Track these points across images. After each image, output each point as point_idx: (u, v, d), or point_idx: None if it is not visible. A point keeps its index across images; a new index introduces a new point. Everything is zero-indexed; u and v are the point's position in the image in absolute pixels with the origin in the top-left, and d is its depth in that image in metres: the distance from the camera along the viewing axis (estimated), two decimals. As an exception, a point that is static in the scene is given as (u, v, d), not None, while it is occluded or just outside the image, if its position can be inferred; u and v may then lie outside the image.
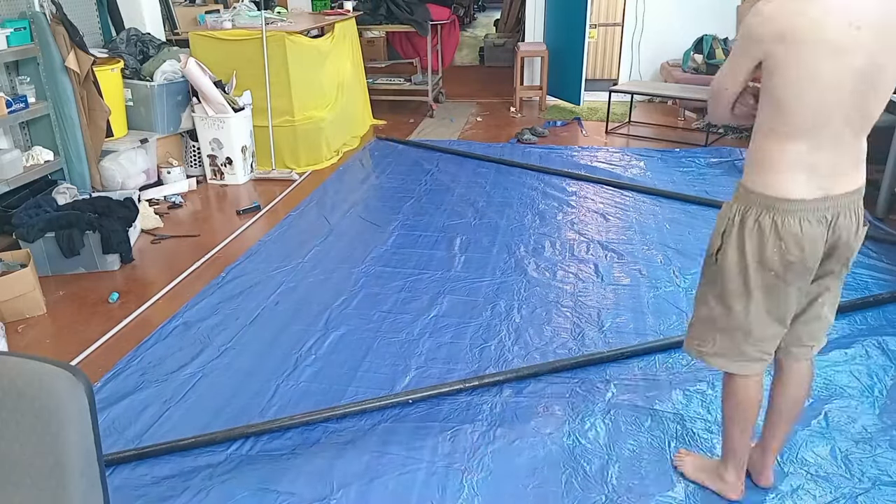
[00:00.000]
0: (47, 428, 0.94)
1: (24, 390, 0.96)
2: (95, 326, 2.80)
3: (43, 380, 0.95)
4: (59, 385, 0.95)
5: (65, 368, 0.95)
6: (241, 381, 2.39)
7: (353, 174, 4.71)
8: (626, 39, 6.55)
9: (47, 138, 3.85)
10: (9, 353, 1.06)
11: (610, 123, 5.72)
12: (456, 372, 2.42)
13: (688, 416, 2.17)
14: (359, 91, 5.76)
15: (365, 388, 2.33)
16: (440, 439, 2.09)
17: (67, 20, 3.71)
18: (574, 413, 2.19)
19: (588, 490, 1.88)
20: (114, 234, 3.26)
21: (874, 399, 2.23)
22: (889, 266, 3.13)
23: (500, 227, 3.69)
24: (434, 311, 2.82)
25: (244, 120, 4.50)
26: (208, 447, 2.06)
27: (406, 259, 3.32)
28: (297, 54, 4.61)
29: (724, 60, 5.97)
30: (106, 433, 2.14)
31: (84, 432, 0.95)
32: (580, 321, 2.74)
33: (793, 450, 2.02)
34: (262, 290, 3.05)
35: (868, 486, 1.88)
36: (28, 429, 0.95)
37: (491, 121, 6.13)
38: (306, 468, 1.98)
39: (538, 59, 6.50)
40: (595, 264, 3.22)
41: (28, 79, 3.73)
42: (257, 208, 4.10)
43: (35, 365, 0.97)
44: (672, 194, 4.08)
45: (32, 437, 0.95)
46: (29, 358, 0.98)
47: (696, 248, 3.36)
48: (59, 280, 3.20)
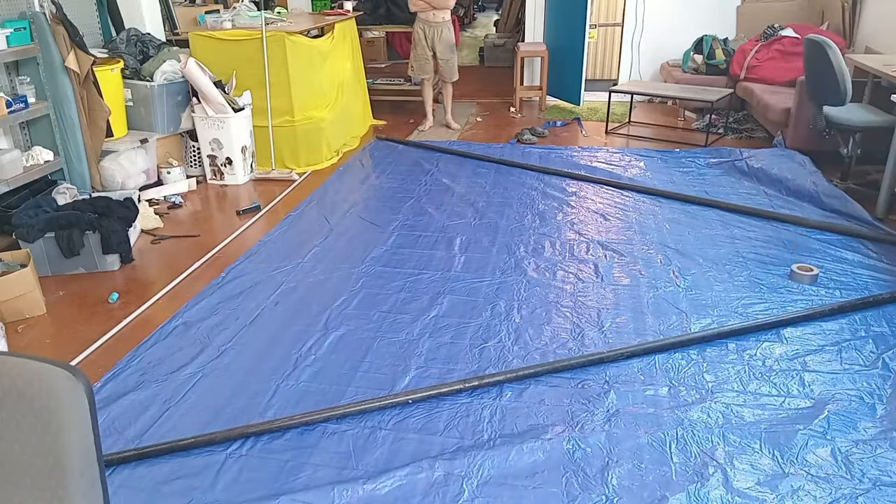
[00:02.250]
0: (47, 428, 0.94)
1: (24, 390, 0.95)
2: (95, 326, 2.80)
3: (43, 380, 0.95)
4: (59, 385, 0.95)
5: (65, 368, 0.95)
6: (240, 382, 2.39)
7: (353, 174, 4.71)
8: (626, 39, 6.56)
9: (47, 138, 3.85)
10: (9, 353, 1.05)
11: (610, 124, 5.72)
12: (456, 372, 2.42)
13: (687, 418, 2.17)
14: (359, 91, 5.76)
15: (365, 389, 2.33)
16: (440, 440, 2.09)
17: (67, 20, 3.71)
18: (574, 414, 2.19)
19: (588, 491, 1.88)
20: (114, 234, 3.26)
21: (874, 399, 2.23)
22: (889, 266, 3.13)
23: (499, 227, 3.69)
24: (434, 312, 2.82)
25: (244, 120, 4.50)
26: (208, 447, 2.06)
27: (406, 259, 3.32)
28: (297, 54, 4.61)
29: (724, 60, 5.99)
30: (106, 433, 2.14)
31: (84, 432, 0.95)
32: (580, 321, 2.74)
33: (793, 451, 2.02)
34: (261, 291, 3.05)
35: (868, 486, 1.88)
36: (28, 429, 0.95)
37: (491, 121, 6.13)
38: (306, 470, 1.98)
39: (538, 59, 6.50)
40: (595, 264, 3.22)
41: (28, 79, 3.73)
42: (257, 208, 4.10)
43: (35, 365, 0.97)
44: (672, 194, 4.08)
45: (32, 437, 0.95)
46: (29, 358, 0.98)
47: (696, 248, 3.36)
48: (59, 280, 3.20)
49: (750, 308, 2.81)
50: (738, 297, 2.89)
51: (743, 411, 2.19)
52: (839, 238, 3.43)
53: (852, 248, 3.32)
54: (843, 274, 3.07)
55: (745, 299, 2.87)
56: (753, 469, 1.95)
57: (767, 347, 2.53)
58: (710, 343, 2.56)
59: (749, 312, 2.77)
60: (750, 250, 3.32)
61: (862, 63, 4.04)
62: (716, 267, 3.17)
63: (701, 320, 2.72)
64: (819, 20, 5.67)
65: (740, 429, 2.11)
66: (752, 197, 4.04)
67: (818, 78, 3.89)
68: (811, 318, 2.69)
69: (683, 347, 2.54)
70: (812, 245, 3.37)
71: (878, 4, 4.90)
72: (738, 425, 2.13)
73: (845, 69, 3.71)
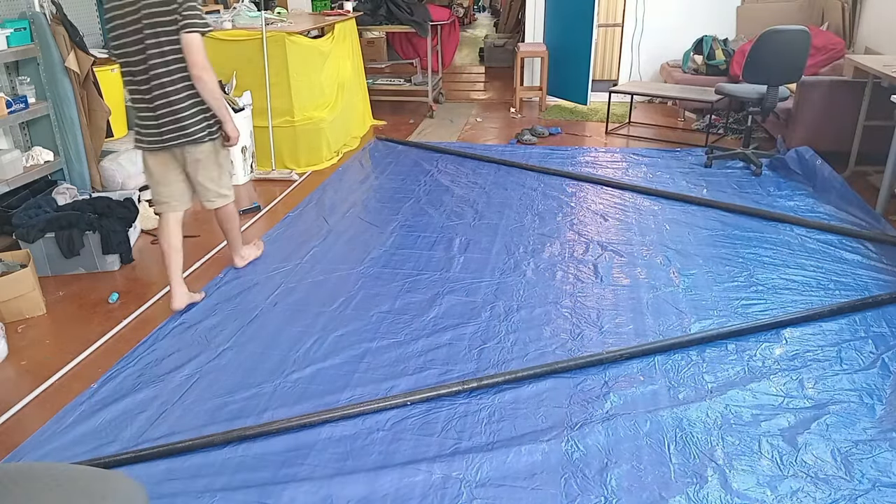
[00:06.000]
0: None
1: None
2: (95, 327, 2.80)
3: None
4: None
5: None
6: (238, 383, 2.39)
7: (352, 175, 4.71)
8: (626, 40, 6.56)
9: (47, 138, 3.85)
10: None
11: (610, 124, 5.72)
12: (454, 373, 2.42)
13: (687, 418, 2.17)
14: (359, 92, 5.76)
15: (363, 390, 2.33)
16: (438, 442, 2.08)
17: (67, 20, 3.72)
18: (573, 415, 2.19)
19: (586, 493, 1.88)
20: (114, 234, 3.26)
21: (874, 400, 2.23)
22: (889, 266, 3.13)
23: (499, 227, 3.69)
24: (433, 312, 2.82)
25: (244, 120, 4.49)
26: (205, 450, 2.06)
27: (405, 260, 3.32)
28: (297, 55, 4.61)
29: (723, 61, 5.98)
30: (103, 435, 2.14)
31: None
32: (579, 322, 2.74)
33: (792, 452, 2.01)
34: (260, 291, 3.04)
35: (868, 487, 1.88)
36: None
37: (491, 121, 6.13)
38: (303, 472, 1.97)
39: (538, 59, 6.50)
40: (594, 265, 3.22)
41: (28, 79, 3.73)
42: (257, 209, 4.10)
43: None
44: (672, 195, 4.08)
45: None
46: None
47: (696, 248, 3.36)
48: (59, 280, 3.20)
49: (750, 308, 2.80)
50: (738, 298, 2.89)
51: (742, 412, 2.19)
52: (839, 238, 3.43)
53: (852, 248, 3.32)
54: (843, 274, 3.07)
55: (745, 299, 2.87)
56: (752, 470, 1.95)
57: (767, 348, 2.53)
58: (709, 344, 2.56)
59: (749, 313, 2.77)
60: (750, 250, 3.32)
61: (862, 63, 4.03)
62: (716, 267, 3.16)
63: (701, 321, 2.72)
64: (819, 20, 5.67)
65: (739, 430, 2.11)
66: (752, 197, 4.03)
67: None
68: (811, 319, 2.69)
69: (683, 348, 2.53)
70: (812, 245, 3.37)
71: (878, 4, 4.89)
72: (738, 426, 2.13)
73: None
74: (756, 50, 4.19)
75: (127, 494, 1.17)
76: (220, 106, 2.74)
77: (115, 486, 1.19)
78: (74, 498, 1.13)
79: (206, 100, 2.69)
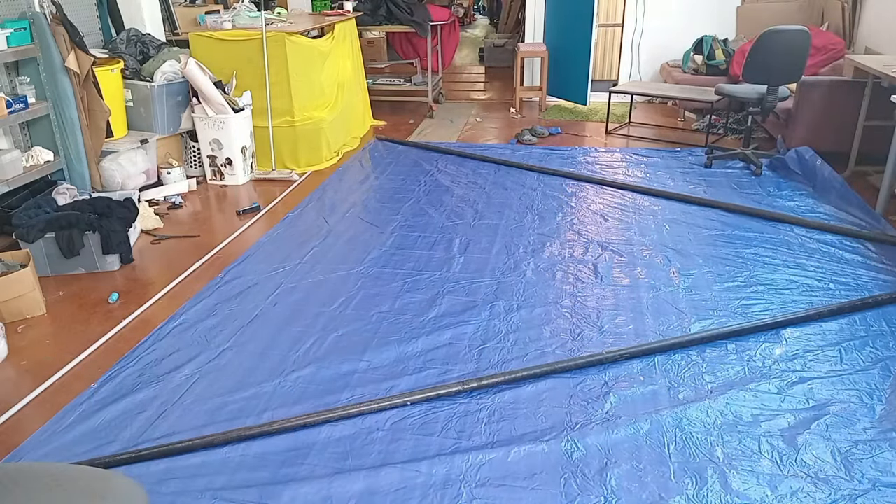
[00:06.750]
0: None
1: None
2: (95, 327, 2.80)
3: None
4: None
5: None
6: (238, 383, 2.39)
7: (352, 175, 4.71)
8: (626, 40, 6.56)
9: (47, 138, 3.85)
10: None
11: (610, 124, 5.72)
12: (454, 373, 2.42)
13: (686, 418, 2.17)
14: (359, 92, 5.76)
15: (363, 390, 2.33)
16: (438, 441, 2.08)
17: (67, 20, 3.72)
18: (573, 415, 2.19)
19: (586, 493, 1.88)
20: (114, 234, 3.26)
21: (874, 400, 2.23)
22: (889, 266, 3.13)
23: (499, 227, 3.69)
24: (433, 312, 2.82)
25: (244, 120, 4.50)
26: (204, 450, 2.06)
27: (405, 260, 3.32)
28: (297, 55, 4.61)
29: (723, 61, 6.00)
30: (102, 435, 2.14)
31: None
32: (579, 322, 2.74)
33: (792, 452, 2.01)
34: (260, 291, 3.04)
35: (868, 487, 1.88)
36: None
37: (491, 121, 6.13)
38: (303, 472, 1.98)
39: (538, 59, 6.50)
40: (594, 265, 3.22)
41: (28, 79, 3.73)
42: (257, 209, 4.10)
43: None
44: (672, 195, 4.08)
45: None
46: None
47: (696, 248, 3.36)
48: (59, 280, 3.20)
49: (750, 308, 2.80)
50: (738, 298, 2.89)
51: (742, 412, 2.19)
52: (839, 238, 3.43)
53: (852, 248, 3.32)
54: (843, 274, 3.07)
55: (745, 299, 2.87)
56: (752, 470, 1.95)
57: (767, 348, 2.53)
58: (709, 344, 2.56)
59: (749, 313, 2.77)
60: (750, 250, 3.32)
61: (862, 63, 4.03)
62: (716, 267, 3.16)
63: (701, 321, 2.72)
64: (819, 21, 5.67)
65: (739, 430, 2.11)
66: (752, 197, 4.03)
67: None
68: (811, 319, 2.69)
69: (683, 348, 2.53)
70: (812, 245, 3.37)
71: (878, 4, 4.89)
72: (738, 426, 2.13)
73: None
74: (756, 50, 4.19)
75: (127, 494, 1.17)
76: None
77: (115, 486, 1.19)
78: (74, 498, 1.13)
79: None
